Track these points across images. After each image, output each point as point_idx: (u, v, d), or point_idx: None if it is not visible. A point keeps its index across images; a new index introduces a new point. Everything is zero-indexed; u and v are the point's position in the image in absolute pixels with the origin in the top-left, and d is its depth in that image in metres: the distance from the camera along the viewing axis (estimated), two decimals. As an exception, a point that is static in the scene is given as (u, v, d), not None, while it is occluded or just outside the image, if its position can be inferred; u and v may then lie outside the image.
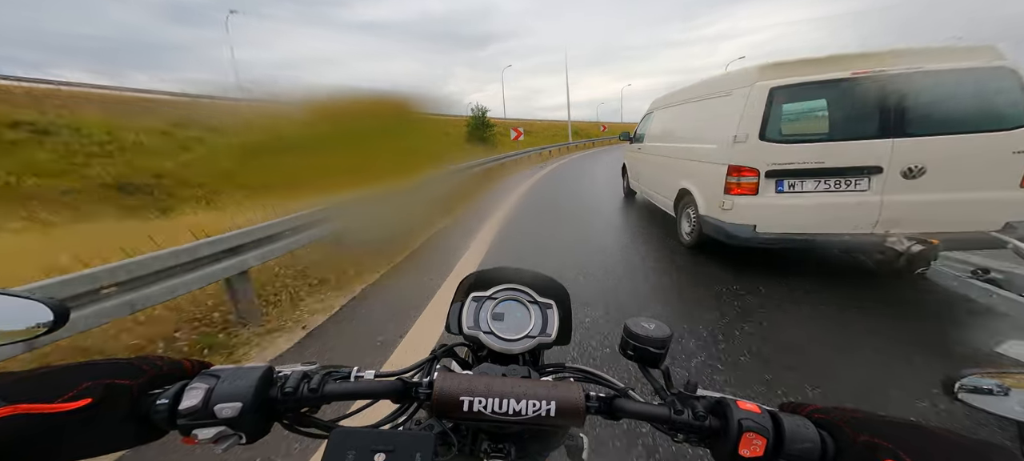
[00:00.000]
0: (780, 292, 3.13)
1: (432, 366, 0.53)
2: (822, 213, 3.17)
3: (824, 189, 3.16)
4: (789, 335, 2.54)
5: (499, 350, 0.60)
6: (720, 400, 0.44)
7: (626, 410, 0.45)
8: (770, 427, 0.40)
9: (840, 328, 2.61)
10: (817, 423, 0.40)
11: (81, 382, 0.36)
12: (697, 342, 2.51)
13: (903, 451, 0.33)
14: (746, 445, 0.39)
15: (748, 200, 3.38)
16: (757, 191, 3.32)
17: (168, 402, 0.39)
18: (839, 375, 2.15)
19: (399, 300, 3.38)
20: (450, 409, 0.41)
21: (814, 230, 3.21)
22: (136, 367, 0.40)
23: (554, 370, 0.60)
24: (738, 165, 3.39)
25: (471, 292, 0.65)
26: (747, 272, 3.54)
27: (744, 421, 0.40)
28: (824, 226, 3.18)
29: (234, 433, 0.40)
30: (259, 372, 0.42)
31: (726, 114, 3.60)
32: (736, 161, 3.40)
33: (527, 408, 0.40)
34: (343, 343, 2.80)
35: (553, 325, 0.63)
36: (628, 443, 1.71)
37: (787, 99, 3.22)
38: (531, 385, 0.42)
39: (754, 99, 3.27)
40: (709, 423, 0.43)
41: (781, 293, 3.11)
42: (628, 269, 3.90)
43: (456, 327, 0.64)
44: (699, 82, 4.41)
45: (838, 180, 3.11)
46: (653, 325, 0.52)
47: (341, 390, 0.45)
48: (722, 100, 3.74)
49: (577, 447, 0.75)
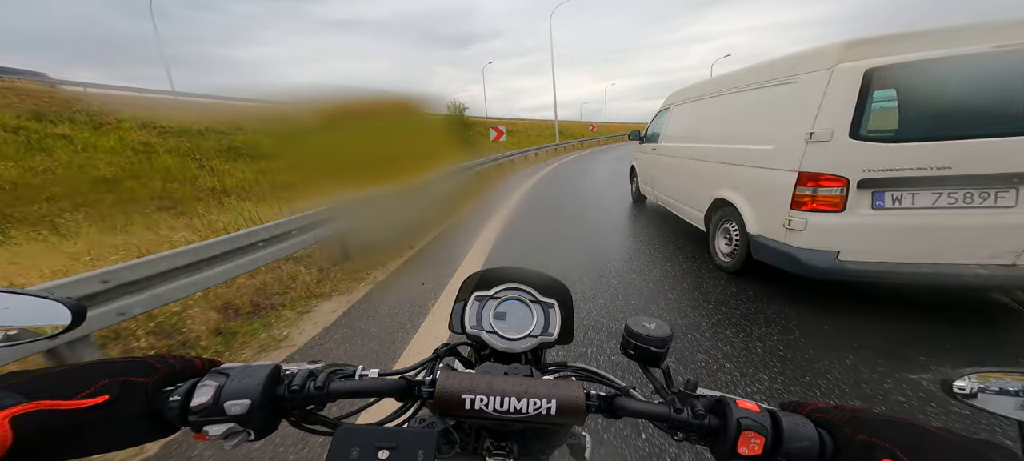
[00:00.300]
0: (876, 339, 2.29)
1: (435, 365, 0.54)
2: (942, 238, 2.35)
3: (948, 205, 2.34)
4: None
5: (501, 349, 0.60)
6: (720, 399, 0.45)
7: (626, 408, 0.46)
8: (769, 425, 0.40)
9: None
10: (816, 421, 0.41)
11: (99, 379, 0.37)
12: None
13: (900, 450, 0.34)
14: (745, 443, 0.40)
15: (829, 219, 2.56)
16: (843, 207, 2.50)
17: (180, 399, 0.40)
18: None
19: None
20: (452, 407, 0.41)
21: (929, 260, 2.38)
22: (150, 365, 0.42)
23: (556, 369, 0.60)
24: (814, 172, 2.57)
25: (474, 291, 0.66)
26: (808, 304, 2.71)
27: (743, 420, 0.40)
28: (945, 255, 2.36)
29: (243, 430, 0.41)
30: (267, 370, 0.43)
31: (791, 106, 2.79)
32: (812, 167, 2.58)
33: (528, 406, 0.41)
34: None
35: (555, 324, 0.63)
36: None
37: (890, 83, 2.41)
38: (532, 384, 0.43)
39: (840, 85, 2.45)
40: (708, 422, 0.44)
41: (877, 342, 2.27)
42: (644, 298, 3.03)
43: (459, 326, 0.64)
44: (743, 69, 3.59)
45: (970, 192, 2.29)
46: (654, 324, 0.52)
47: (346, 388, 0.46)
48: (783, 89, 2.93)
49: (579, 446, 0.74)
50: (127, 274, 2.29)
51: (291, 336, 2.81)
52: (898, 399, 1.88)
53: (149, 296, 2.41)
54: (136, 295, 2.36)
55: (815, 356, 2.22)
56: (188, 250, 2.73)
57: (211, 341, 2.70)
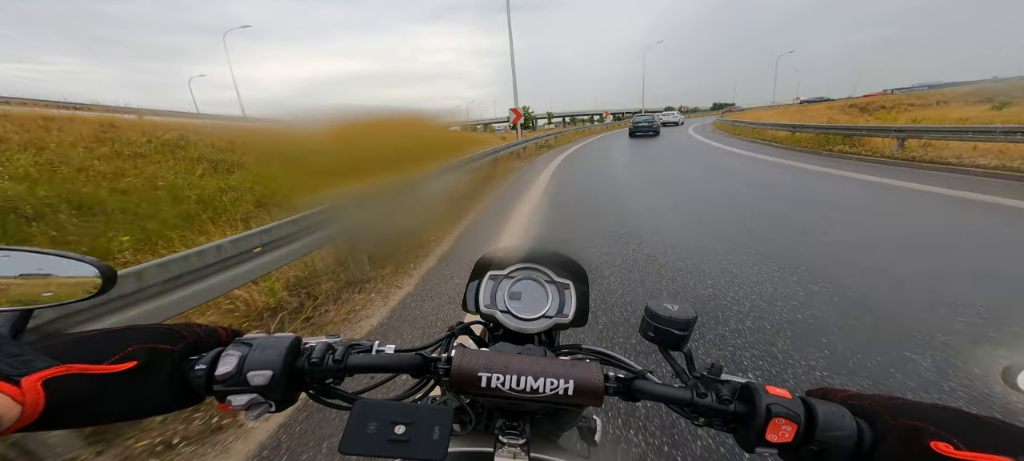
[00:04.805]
0: None
1: (450, 343, 0.52)
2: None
3: None
4: None
5: (515, 329, 0.60)
6: (747, 384, 0.44)
7: (646, 391, 0.45)
8: (801, 412, 0.39)
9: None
10: (851, 409, 0.39)
11: (128, 345, 0.37)
12: None
13: (949, 433, 0.31)
14: (774, 430, 0.39)
15: None
16: None
17: (206, 368, 0.41)
18: None
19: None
20: (468, 384, 0.42)
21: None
22: (177, 333, 0.42)
23: (570, 351, 0.58)
24: None
25: (488, 271, 0.65)
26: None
27: (773, 406, 0.39)
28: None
29: (264, 401, 0.41)
30: (287, 341, 0.44)
31: None
32: None
33: (545, 386, 0.41)
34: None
35: (570, 306, 0.62)
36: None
37: None
38: (549, 363, 0.43)
39: None
40: (734, 408, 0.43)
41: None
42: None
43: (473, 305, 0.64)
44: None
45: None
46: (677, 306, 0.50)
47: (363, 362, 0.46)
48: None
49: (590, 429, 0.73)
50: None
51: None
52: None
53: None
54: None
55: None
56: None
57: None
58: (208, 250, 2.29)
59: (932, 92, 30.70)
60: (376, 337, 2.02)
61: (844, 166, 8.02)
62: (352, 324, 2.79)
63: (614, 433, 1.65)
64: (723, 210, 5.13)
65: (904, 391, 1.81)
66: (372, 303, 3.08)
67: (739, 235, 4.06)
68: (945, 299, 2.51)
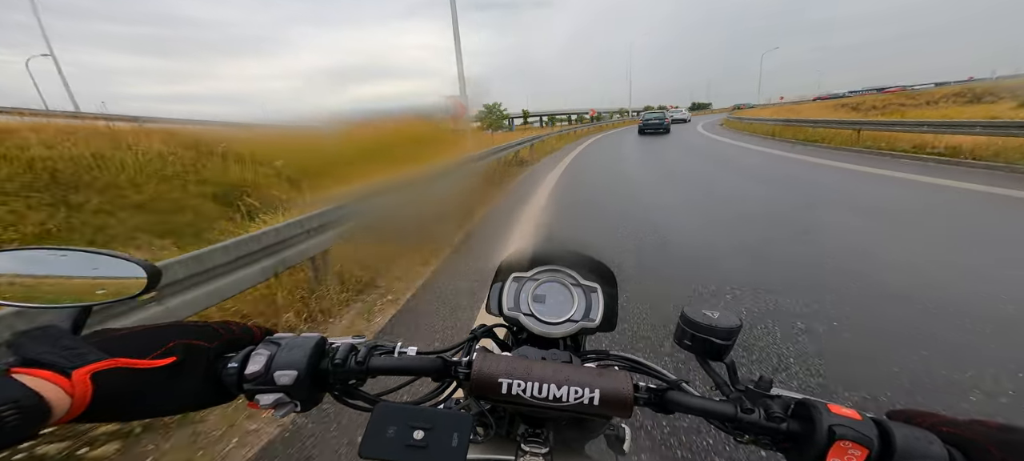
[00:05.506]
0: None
1: (471, 346, 0.52)
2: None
3: None
4: None
5: (539, 333, 0.58)
6: (804, 401, 0.40)
7: (682, 404, 0.43)
8: (875, 436, 0.35)
9: None
10: (943, 437, 0.34)
11: (169, 341, 0.38)
12: None
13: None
14: (838, 454, 0.35)
15: None
16: None
17: (237, 366, 0.41)
18: None
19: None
20: (488, 390, 0.41)
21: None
22: (214, 330, 0.43)
23: (597, 357, 0.56)
24: None
25: (512, 272, 0.63)
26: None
27: (837, 427, 0.35)
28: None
29: (290, 400, 0.41)
30: (313, 341, 0.44)
31: None
32: None
33: (569, 395, 0.39)
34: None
35: (597, 310, 0.59)
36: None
37: None
38: (574, 371, 0.41)
39: None
40: (788, 426, 0.39)
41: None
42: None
43: (496, 308, 0.62)
44: None
45: None
46: (718, 314, 0.46)
47: (385, 365, 0.46)
48: None
49: (618, 438, 0.69)
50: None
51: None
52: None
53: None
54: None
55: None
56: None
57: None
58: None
59: (919, 92, 30.98)
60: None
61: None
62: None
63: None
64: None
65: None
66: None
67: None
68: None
